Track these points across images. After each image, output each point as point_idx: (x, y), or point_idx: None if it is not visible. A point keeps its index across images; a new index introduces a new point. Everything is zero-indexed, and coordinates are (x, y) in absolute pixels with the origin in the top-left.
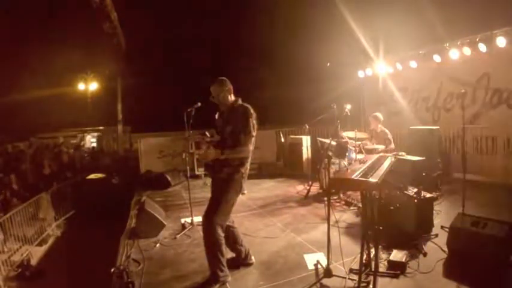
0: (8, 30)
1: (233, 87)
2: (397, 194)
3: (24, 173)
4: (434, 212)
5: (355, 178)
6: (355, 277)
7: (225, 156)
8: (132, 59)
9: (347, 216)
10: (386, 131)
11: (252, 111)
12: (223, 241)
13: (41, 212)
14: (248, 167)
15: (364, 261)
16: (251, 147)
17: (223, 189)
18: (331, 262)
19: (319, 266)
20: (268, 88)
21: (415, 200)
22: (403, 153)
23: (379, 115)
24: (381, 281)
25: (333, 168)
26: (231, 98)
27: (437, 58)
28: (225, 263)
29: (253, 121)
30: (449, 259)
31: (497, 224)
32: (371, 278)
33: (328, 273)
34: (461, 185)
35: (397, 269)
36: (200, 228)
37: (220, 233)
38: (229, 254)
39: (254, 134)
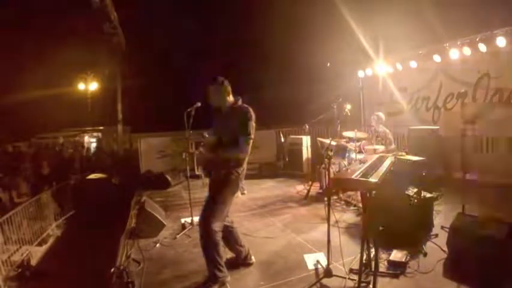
0: (8, 30)
1: (233, 88)
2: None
3: (24, 173)
4: (434, 212)
5: (355, 178)
6: (355, 277)
7: (222, 157)
8: (132, 59)
9: (347, 216)
10: (387, 130)
11: (252, 113)
12: (220, 241)
13: (42, 210)
14: (245, 167)
15: (364, 261)
16: (249, 149)
17: (220, 190)
18: (331, 262)
19: (319, 266)
20: (268, 88)
21: (415, 200)
22: (403, 153)
23: (382, 115)
24: (380, 281)
25: (333, 168)
26: (230, 98)
27: (437, 58)
28: (223, 263)
29: (253, 123)
30: (449, 259)
31: (496, 224)
32: (371, 278)
33: (328, 273)
34: (461, 185)
35: (397, 269)
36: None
37: (217, 234)
38: (229, 254)
39: (253, 136)
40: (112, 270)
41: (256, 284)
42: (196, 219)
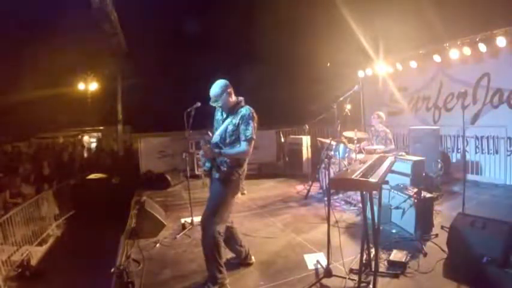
0: (8, 30)
1: (233, 88)
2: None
3: (24, 173)
4: (434, 212)
5: (355, 178)
6: (355, 277)
7: (223, 156)
8: (132, 59)
9: (347, 216)
10: (387, 130)
11: (254, 114)
12: (221, 243)
13: (42, 210)
14: (246, 168)
15: (364, 261)
16: (251, 149)
17: (221, 191)
18: (331, 262)
19: (319, 266)
20: (268, 88)
21: (415, 200)
22: (403, 153)
23: (382, 114)
24: (380, 281)
25: (333, 168)
26: (232, 99)
27: (437, 58)
28: (223, 265)
29: (255, 124)
30: (449, 259)
31: (497, 224)
32: (371, 278)
33: (328, 273)
34: (461, 185)
35: (397, 269)
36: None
37: (219, 235)
38: (229, 254)
39: (255, 137)
40: (112, 270)
41: (256, 284)
42: (196, 219)
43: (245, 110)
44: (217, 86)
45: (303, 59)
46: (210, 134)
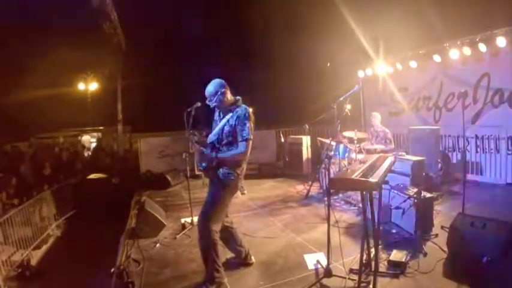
0: (8, 30)
1: (233, 88)
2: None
3: (24, 173)
4: (434, 212)
5: (355, 178)
6: (355, 277)
7: (219, 160)
8: (132, 59)
9: (347, 216)
10: (387, 130)
11: (251, 114)
12: (218, 242)
13: (42, 211)
14: (244, 168)
15: (364, 261)
16: (248, 149)
17: (219, 190)
18: (331, 262)
19: (319, 266)
20: (268, 88)
21: (415, 200)
22: (403, 153)
23: (377, 114)
24: (380, 281)
25: (333, 168)
26: (228, 98)
27: (437, 58)
28: (220, 264)
29: (252, 124)
30: (449, 259)
31: (497, 224)
32: (371, 278)
33: (328, 273)
34: (461, 185)
35: (397, 269)
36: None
37: (216, 234)
38: (229, 254)
39: (251, 137)
40: (112, 270)
41: (256, 284)
42: (196, 219)
43: (241, 110)
44: (211, 85)
45: (303, 59)
46: (197, 134)
